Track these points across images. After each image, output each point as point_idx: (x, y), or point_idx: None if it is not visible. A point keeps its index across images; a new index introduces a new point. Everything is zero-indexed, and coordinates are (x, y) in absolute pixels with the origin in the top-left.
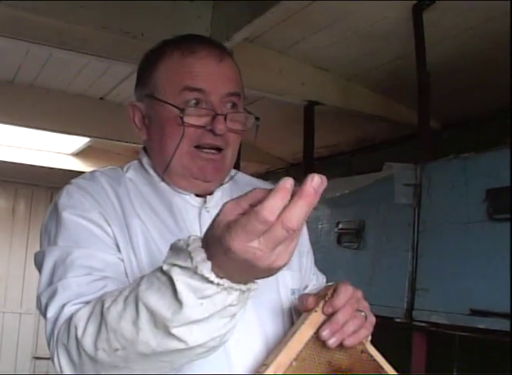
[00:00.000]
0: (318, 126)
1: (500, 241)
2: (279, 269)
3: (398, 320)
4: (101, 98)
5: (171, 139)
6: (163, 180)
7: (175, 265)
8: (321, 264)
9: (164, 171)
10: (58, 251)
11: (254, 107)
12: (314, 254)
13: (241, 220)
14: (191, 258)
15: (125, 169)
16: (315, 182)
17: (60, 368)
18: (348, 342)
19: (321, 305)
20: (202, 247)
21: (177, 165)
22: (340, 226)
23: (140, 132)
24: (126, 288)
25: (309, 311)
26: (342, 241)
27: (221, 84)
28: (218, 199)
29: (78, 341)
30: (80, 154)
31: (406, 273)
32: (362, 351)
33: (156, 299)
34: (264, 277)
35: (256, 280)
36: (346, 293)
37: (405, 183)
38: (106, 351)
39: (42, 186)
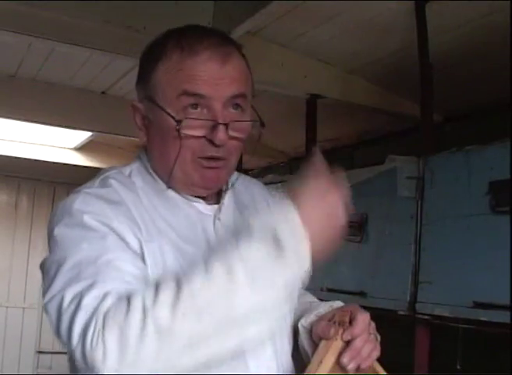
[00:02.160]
0: (320, 119)
1: (503, 234)
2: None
3: (401, 313)
4: (103, 93)
5: (171, 149)
6: (169, 187)
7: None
8: None
9: (168, 179)
10: (83, 252)
11: (255, 100)
12: None
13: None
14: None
15: (127, 172)
16: None
17: (103, 354)
18: (364, 365)
19: (340, 332)
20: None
21: (179, 173)
22: None
23: (141, 133)
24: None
25: (329, 339)
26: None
27: (223, 88)
28: (226, 207)
29: (145, 311)
30: (83, 148)
31: (409, 265)
32: (369, 368)
33: (255, 248)
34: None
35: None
36: (364, 322)
37: (408, 176)
38: (189, 318)
39: (45, 181)
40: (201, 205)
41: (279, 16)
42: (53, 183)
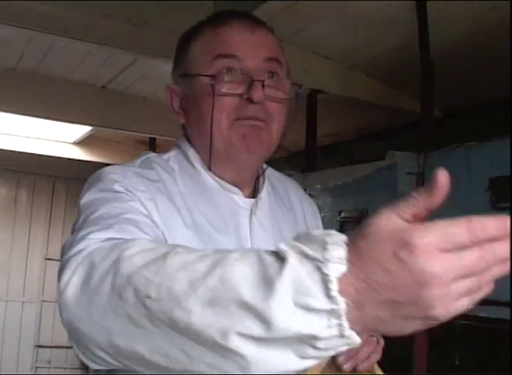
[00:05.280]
0: (320, 114)
1: None
2: (434, 317)
3: None
4: (103, 87)
5: (207, 113)
6: (210, 169)
7: (299, 250)
8: None
9: (210, 156)
10: (108, 208)
11: None
12: None
13: (441, 221)
14: (324, 250)
15: (165, 158)
16: None
17: (65, 285)
18: (361, 367)
19: None
20: (347, 245)
21: (219, 142)
22: (343, 214)
23: (178, 116)
24: (210, 251)
25: None
26: (344, 230)
27: (256, 49)
28: (263, 202)
29: (118, 262)
30: (82, 143)
31: None
32: (368, 371)
33: (243, 273)
34: (395, 329)
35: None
36: None
37: (408, 172)
38: (137, 291)
39: (44, 175)
40: (238, 197)
41: (279, 12)
42: (53, 177)
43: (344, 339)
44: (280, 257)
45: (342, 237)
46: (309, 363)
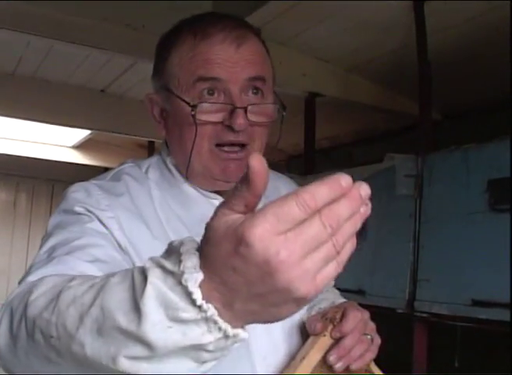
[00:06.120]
0: (319, 117)
1: (502, 232)
2: (301, 298)
3: (399, 311)
4: (102, 91)
5: (187, 138)
6: (187, 179)
7: (159, 265)
8: None
9: (186, 171)
10: (65, 234)
11: None
12: None
13: (269, 204)
14: (179, 262)
15: (144, 168)
16: (363, 188)
17: None
18: (354, 366)
19: (329, 329)
20: (197, 250)
21: (198, 165)
22: None
23: (159, 126)
24: (101, 278)
25: (317, 335)
26: None
27: (239, 70)
28: None
29: (25, 307)
30: (81, 146)
31: (407, 263)
32: (366, 371)
33: (118, 299)
34: (272, 316)
35: (247, 328)
36: (355, 319)
37: (406, 175)
38: (43, 333)
39: (43, 179)
40: (217, 202)
41: (277, 15)
42: (52, 181)
43: (230, 338)
44: (145, 276)
45: (194, 245)
46: (210, 364)
